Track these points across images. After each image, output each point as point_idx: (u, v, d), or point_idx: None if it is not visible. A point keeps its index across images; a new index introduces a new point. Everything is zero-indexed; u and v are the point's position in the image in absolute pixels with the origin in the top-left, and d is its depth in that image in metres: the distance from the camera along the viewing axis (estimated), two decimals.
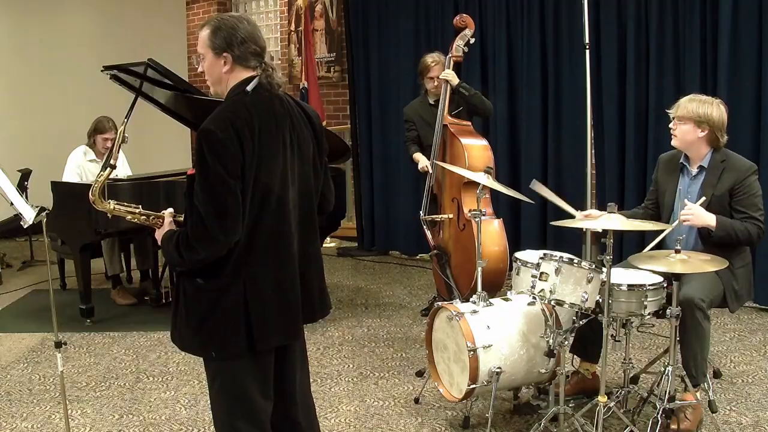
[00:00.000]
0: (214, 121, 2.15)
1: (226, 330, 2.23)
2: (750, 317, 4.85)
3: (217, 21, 2.25)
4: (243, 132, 2.14)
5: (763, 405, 3.51)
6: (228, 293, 2.21)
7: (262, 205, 2.21)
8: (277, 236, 2.26)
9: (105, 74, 4.78)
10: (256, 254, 2.22)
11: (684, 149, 3.42)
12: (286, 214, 2.27)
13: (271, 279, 2.25)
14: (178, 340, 2.35)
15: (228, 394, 2.31)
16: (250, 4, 8.82)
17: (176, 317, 2.33)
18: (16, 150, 7.50)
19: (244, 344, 2.23)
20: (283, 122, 2.27)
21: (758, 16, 4.77)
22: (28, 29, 8.13)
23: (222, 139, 2.11)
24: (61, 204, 4.96)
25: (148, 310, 5.37)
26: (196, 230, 2.14)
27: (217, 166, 2.10)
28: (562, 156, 5.82)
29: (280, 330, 2.29)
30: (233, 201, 2.13)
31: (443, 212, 4.50)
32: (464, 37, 4.56)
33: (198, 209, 2.13)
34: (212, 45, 2.23)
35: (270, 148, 2.21)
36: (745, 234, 3.23)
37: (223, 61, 2.23)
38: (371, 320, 5.05)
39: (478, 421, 3.41)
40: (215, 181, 2.11)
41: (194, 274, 2.24)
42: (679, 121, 3.37)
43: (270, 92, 2.27)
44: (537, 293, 3.02)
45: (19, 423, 3.56)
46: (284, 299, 2.29)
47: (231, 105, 2.21)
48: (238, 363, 2.28)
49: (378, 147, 6.89)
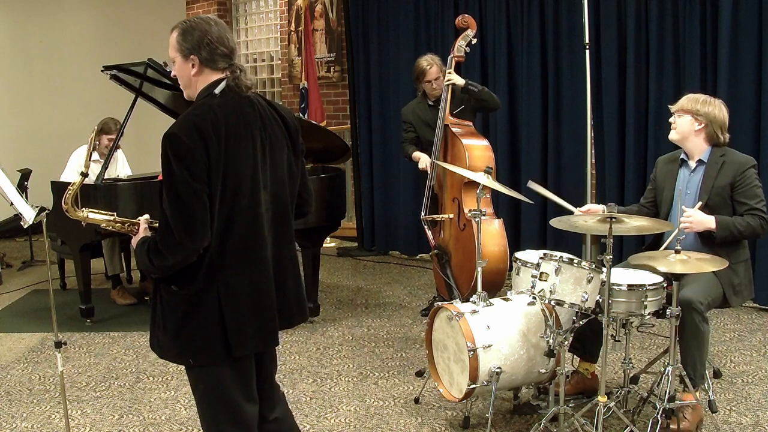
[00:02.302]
0: (178, 126, 2.12)
1: (202, 336, 2.20)
2: (750, 317, 4.85)
3: (186, 23, 2.23)
4: (209, 135, 2.10)
5: (763, 405, 3.51)
6: (203, 299, 2.18)
7: (233, 208, 2.17)
8: (250, 240, 2.22)
9: (105, 74, 4.78)
10: (229, 259, 2.18)
11: (681, 142, 3.45)
12: (257, 218, 2.23)
13: (245, 284, 2.21)
14: (156, 348, 2.32)
15: (212, 400, 2.29)
16: (249, 4, 8.82)
17: (154, 325, 2.30)
18: (16, 150, 7.51)
19: (220, 350, 2.20)
20: (252, 124, 2.23)
21: (758, 16, 4.77)
22: (28, 30, 8.13)
23: (186, 143, 2.08)
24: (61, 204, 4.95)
25: (148, 310, 5.27)
26: (164, 237, 2.12)
27: (182, 170, 2.07)
28: (562, 155, 5.82)
29: (256, 335, 2.25)
30: (199, 206, 2.09)
31: (444, 212, 4.50)
32: (466, 38, 4.56)
33: (165, 215, 2.11)
34: (180, 48, 2.21)
35: (238, 151, 2.17)
36: (748, 228, 3.24)
37: (191, 64, 2.21)
38: (371, 320, 5.05)
39: (478, 421, 3.41)
40: (180, 187, 2.08)
41: (169, 281, 2.20)
42: (678, 115, 3.42)
43: (238, 94, 2.23)
44: (537, 293, 3.02)
45: (19, 423, 3.56)
46: (260, 304, 2.25)
47: (197, 108, 2.18)
48: (218, 369, 2.25)
49: (378, 147, 6.89)
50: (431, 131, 4.62)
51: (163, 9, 8.94)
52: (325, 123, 6.88)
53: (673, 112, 3.47)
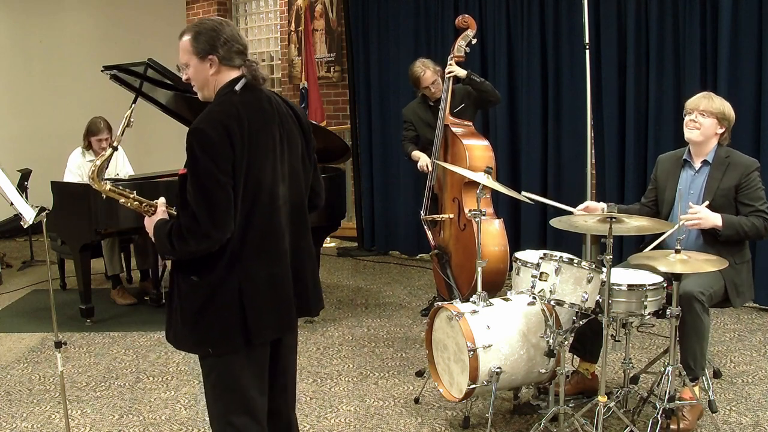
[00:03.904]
0: (203, 120, 2.19)
1: (222, 325, 2.25)
2: (750, 317, 4.85)
3: (196, 26, 2.29)
4: (233, 130, 2.17)
5: (763, 405, 3.51)
6: (223, 288, 2.24)
7: (254, 201, 2.24)
8: (269, 232, 2.29)
9: (105, 74, 4.78)
10: (249, 249, 2.25)
11: (700, 143, 3.42)
12: (276, 210, 2.30)
13: (264, 273, 2.28)
14: (172, 339, 2.37)
15: (224, 389, 2.33)
16: (249, 4, 8.82)
17: (170, 316, 2.35)
18: (16, 150, 7.50)
19: (239, 338, 2.26)
20: (272, 119, 2.31)
21: (758, 16, 4.77)
22: (28, 30, 8.13)
23: (212, 136, 2.15)
24: (61, 204, 4.96)
25: (148, 310, 5.37)
26: (189, 224, 2.17)
27: (208, 162, 2.14)
28: (562, 155, 5.81)
29: (274, 323, 2.32)
30: (224, 197, 2.16)
31: (444, 212, 4.50)
32: (466, 38, 4.56)
33: (190, 206, 2.16)
34: (195, 50, 2.26)
35: (260, 145, 2.24)
36: (753, 229, 3.26)
37: (209, 64, 2.27)
38: (371, 320, 5.05)
39: (478, 421, 3.41)
40: (206, 179, 2.15)
41: (189, 271, 2.26)
42: (703, 115, 3.37)
43: (258, 90, 2.31)
44: (537, 293, 3.02)
45: (19, 423, 3.56)
46: (278, 293, 2.32)
47: (220, 104, 2.25)
48: (234, 357, 2.29)
49: (378, 147, 6.89)
50: (431, 131, 4.63)
51: (163, 9, 8.94)
52: (325, 123, 6.88)
53: (691, 111, 3.41)
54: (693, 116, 3.40)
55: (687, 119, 3.42)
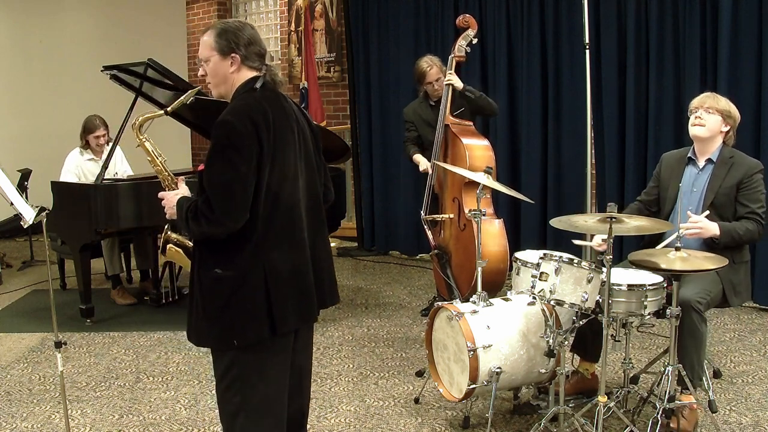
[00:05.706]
0: (231, 113, 2.26)
1: (247, 316, 2.28)
2: (750, 317, 4.85)
3: (222, 24, 2.38)
4: (260, 123, 2.25)
5: (763, 405, 3.51)
6: (247, 280, 2.28)
7: (278, 194, 2.31)
8: (291, 224, 2.36)
9: (105, 74, 4.78)
10: (272, 240, 2.30)
11: (704, 139, 3.42)
12: (297, 203, 2.38)
13: (288, 263, 2.34)
14: (194, 337, 2.39)
15: (244, 382, 2.34)
16: (250, 4, 8.82)
17: (192, 314, 2.37)
18: (16, 150, 7.51)
19: (265, 328, 2.29)
20: (290, 116, 2.41)
21: (758, 16, 4.77)
22: (28, 30, 8.13)
23: (239, 128, 2.22)
24: (61, 204, 4.96)
25: (148, 310, 5.37)
26: (204, 209, 2.23)
27: (233, 153, 2.21)
28: (562, 156, 5.81)
29: (297, 311, 2.37)
30: (240, 188, 2.21)
31: (444, 212, 4.50)
32: (467, 38, 4.56)
33: (208, 194, 2.23)
34: (218, 47, 2.35)
35: (284, 140, 2.33)
36: (747, 233, 3.29)
37: (230, 62, 2.35)
38: (371, 320, 5.05)
39: (478, 421, 3.42)
40: (228, 169, 2.21)
41: (211, 265, 2.30)
42: (709, 112, 3.39)
43: (275, 90, 2.40)
44: (537, 293, 3.02)
45: (19, 423, 3.56)
46: (301, 281, 2.38)
47: (244, 99, 2.32)
48: (258, 348, 2.32)
49: (378, 147, 6.89)
50: (432, 131, 4.62)
51: (163, 9, 8.94)
52: (325, 123, 6.87)
53: (696, 108, 3.42)
54: (698, 113, 3.42)
55: (692, 117, 3.44)
